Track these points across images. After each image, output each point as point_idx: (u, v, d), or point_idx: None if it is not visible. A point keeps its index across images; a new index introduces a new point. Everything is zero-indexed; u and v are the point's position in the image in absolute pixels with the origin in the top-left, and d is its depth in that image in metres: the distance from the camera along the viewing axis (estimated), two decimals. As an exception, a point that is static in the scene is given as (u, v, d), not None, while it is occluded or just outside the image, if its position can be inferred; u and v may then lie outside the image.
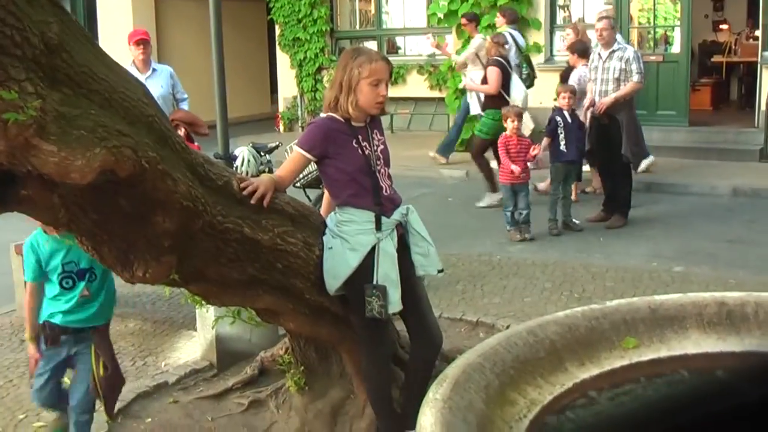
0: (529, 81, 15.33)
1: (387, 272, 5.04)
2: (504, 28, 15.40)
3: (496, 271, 9.03)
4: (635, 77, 12.08)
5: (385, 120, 20.39)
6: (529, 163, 11.19)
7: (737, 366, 5.23)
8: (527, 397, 4.57)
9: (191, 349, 7.48)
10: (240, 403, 6.34)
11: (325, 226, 5.22)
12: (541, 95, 15.88)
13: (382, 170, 5.25)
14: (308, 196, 9.73)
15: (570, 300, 7.59)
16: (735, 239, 11.35)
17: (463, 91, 17.36)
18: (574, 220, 11.91)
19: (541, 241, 10.94)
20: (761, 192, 14.08)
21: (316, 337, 5.59)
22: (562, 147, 11.60)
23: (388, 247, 5.07)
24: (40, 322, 5.43)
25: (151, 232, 4.25)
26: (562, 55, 18.42)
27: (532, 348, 4.84)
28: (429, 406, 3.79)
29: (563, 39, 16.12)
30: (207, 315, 6.96)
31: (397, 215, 5.22)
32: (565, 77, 13.61)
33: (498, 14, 16.30)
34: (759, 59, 17.21)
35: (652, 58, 17.96)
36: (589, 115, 12.25)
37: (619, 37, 12.75)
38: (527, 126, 12.98)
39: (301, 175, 9.61)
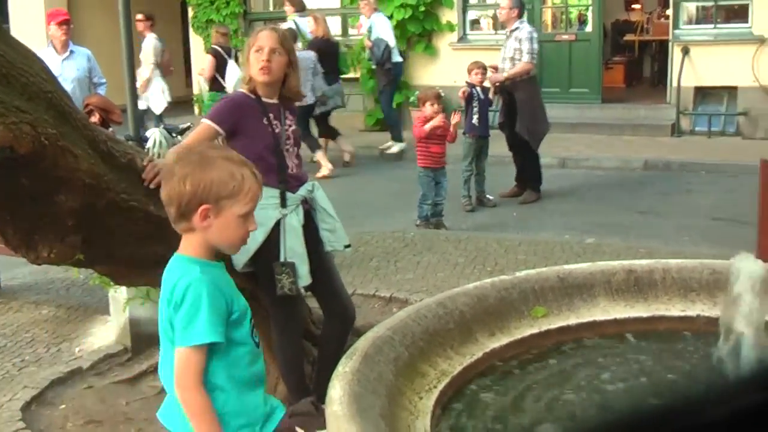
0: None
1: (293, 246, 5.08)
2: (293, 16, 15.67)
3: (410, 248, 9.05)
4: (525, 57, 12.28)
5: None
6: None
7: (645, 330, 5.33)
8: (437, 368, 4.60)
9: (105, 333, 7.40)
10: (154, 386, 6.29)
11: None
12: (455, 74, 15.95)
13: (291, 150, 5.27)
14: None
15: (482, 274, 7.63)
16: (646, 211, 11.54)
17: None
18: (488, 195, 11.99)
19: (454, 216, 10.99)
20: (672, 165, 14.34)
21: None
22: (475, 121, 11.67)
23: (293, 222, 5.10)
24: None
25: (54, 212, 4.19)
26: (474, 35, 18.54)
27: (442, 320, 4.88)
28: (338, 380, 3.80)
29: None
30: (120, 298, 6.90)
31: (302, 191, 5.25)
32: None
33: (286, 2, 16.47)
34: (670, 37, 17.49)
35: (565, 37, 18.21)
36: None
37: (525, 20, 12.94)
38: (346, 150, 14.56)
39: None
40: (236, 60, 14.45)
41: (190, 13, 22.30)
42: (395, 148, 15.99)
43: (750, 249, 4.69)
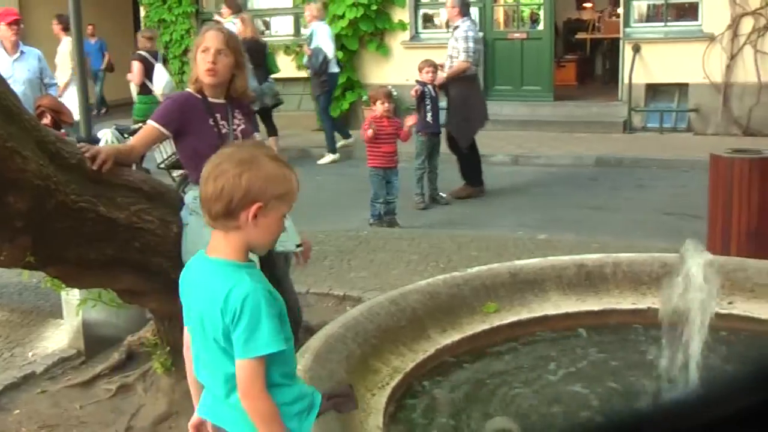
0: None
1: None
2: (229, 18, 15.72)
3: (364, 246, 9.06)
4: (461, 56, 12.36)
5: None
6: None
7: (596, 324, 5.38)
8: (390, 365, 4.62)
9: (59, 337, 7.34)
10: (108, 389, 6.25)
11: (183, 203, 5.19)
12: (407, 72, 15.98)
13: None
14: (173, 177, 9.60)
15: (436, 271, 7.64)
16: (599, 206, 11.63)
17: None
18: (440, 193, 12.02)
19: (408, 214, 11.01)
20: (624, 161, 14.45)
21: (179, 315, 5.52)
22: (429, 118, 11.72)
23: None
24: None
25: (2, 213, 4.15)
26: (426, 33, 18.59)
27: (394, 317, 4.90)
28: (290, 378, 3.79)
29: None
30: (73, 301, 6.85)
31: None
32: None
33: (224, 5, 16.62)
34: (621, 35, 17.66)
35: (516, 35, 18.33)
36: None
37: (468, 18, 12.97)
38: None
39: (164, 156, 9.52)
40: (164, 63, 14.45)
41: (142, 12, 22.18)
42: (327, 159, 15.85)
43: (701, 242, 4.74)
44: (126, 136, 10.90)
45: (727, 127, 16.27)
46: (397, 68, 18.13)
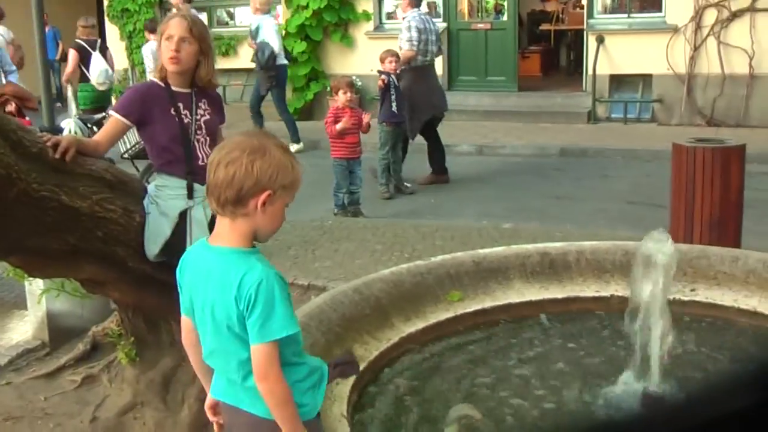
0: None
1: (198, 238, 5.02)
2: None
3: (328, 236, 9.06)
4: (404, 45, 12.45)
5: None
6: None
7: (559, 311, 5.41)
8: (354, 353, 4.62)
9: (23, 328, 7.31)
10: (73, 380, 6.23)
11: (146, 192, 5.16)
12: (372, 62, 15.95)
13: (203, 140, 5.17)
14: (137, 167, 9.60)
15: (400, 260, 7.64)
16: (563, 196, 11.69)
17: (295, 61, 17.69)
18: (405, 183, 12.04)
19: (373, 204, 11.02)
20: (588, 151, 14.52)
21: (143, 305, 5.53)
22: (393, 108, 11.72)
23: (198, 214, 4.99)
24: None
25: (-37, 204, 4.14)
26: (390, 23, 18.59)
27: (358, 306, 4.90)
28: (253, 366, 3.79)
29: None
30: (37, 292, 6.81)
31: None
32: None
33: None
34: (585, 27, 17.75)
35: (481, 26, 18.38)
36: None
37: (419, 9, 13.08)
38: None
39: (128, 146, 9.50)
40: (103, 52, 14.33)
41: (105, 2, 22.06)
42: (292, 149, 15.83)
43: (664, 231, 4.78)
44: (89, 126, 10.87)
45: (691, 117, 16.38)
46: (362, 59, 18.12)
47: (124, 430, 5.85)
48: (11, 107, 8.11)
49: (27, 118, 7.96)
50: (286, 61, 16.24)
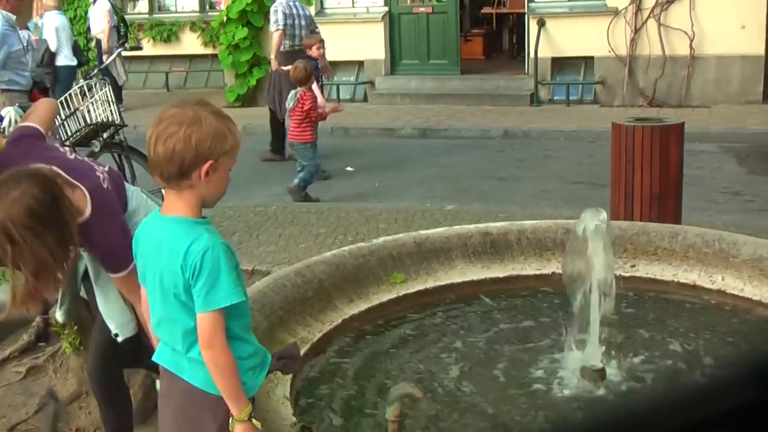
0: (125, 39, 16.78)
1: None
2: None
3: (272, 221, 9.02)
4: (272, 28, 13.03)
5: (160, 78, 20.13)
6: None
7: (501, 289, 5.45)
8: (297, 336, 4.63)
9: (-33, 321, 7.23)
10: (18, 372, 6.18)
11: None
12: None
13: None
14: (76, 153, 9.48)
15: (344, 243, 7.63)
16: (506, 177, 11.73)
17: (237, 47, 17.62)
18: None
19: (317, 189, 10.99)
20: (531, 133, 14.59)
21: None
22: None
23: None
24: None
25: None
26: (332, 8, 18.56)
27: (301, 288, 4.90)
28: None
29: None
30: (-23, 282, 6.75)
31: None
32: None
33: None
34: (526, 10, 17.77)
35: (422, 9, 18.36)
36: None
37: None
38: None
39: (69, 133, 9.39)
40: None
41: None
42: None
43: (606, 209, 4.82)
44: (28, 114, 10.73)
45: (633, 98, 16.50)
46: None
47: (70, 420, 5.83)
48: None
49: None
50: (72, 62, 15.96)
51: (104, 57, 16.44)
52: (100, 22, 17.18)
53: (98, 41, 17.43)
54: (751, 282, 5.13)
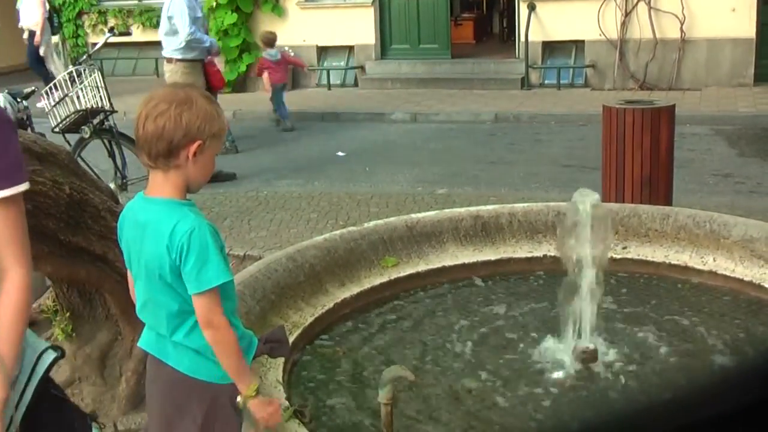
0: (58, 29, 17.78)
1: None
2: None
3: (263, 206, 9.03)
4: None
5: (150, 65, 20.06)
6: None
7: (493, 272, 5.45)
8: (289, 320, 4.63)
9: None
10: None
11: (75, 163, 5.10)
12: (304, 33, 15.95)
13: None
14: (68, 141, 9.46)
15: (335, 228, 7.63)
16: (497, 161, 11.73)
17: (226, 32, 17.68)
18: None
19: (308, 174, 11.00)
20: (522, 116, 14.59)
21: (77, 279, 5.46)
22: None
23: None
24: None
25: None
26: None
27: (292, 273, 4.90)
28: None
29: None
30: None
31: None
32: None
33: None
34: (514, -6, 17.73)
35: (412, -7, 18.30)
36: None
37: None
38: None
39: (59, 119, 9.38)
40: None
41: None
42: None
43: (597, 192, 4.83)
44: (19, 100, 10.71)
45: (624, 82, 16.51)
46: (293, 29, 17.97)
47: (63, 407, 5.81)
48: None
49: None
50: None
51: (41, 50, 16.61)
52: (34, 14, 17.01)
53: (31, 33, 17.21)
54: (742, 263, 5.15)
